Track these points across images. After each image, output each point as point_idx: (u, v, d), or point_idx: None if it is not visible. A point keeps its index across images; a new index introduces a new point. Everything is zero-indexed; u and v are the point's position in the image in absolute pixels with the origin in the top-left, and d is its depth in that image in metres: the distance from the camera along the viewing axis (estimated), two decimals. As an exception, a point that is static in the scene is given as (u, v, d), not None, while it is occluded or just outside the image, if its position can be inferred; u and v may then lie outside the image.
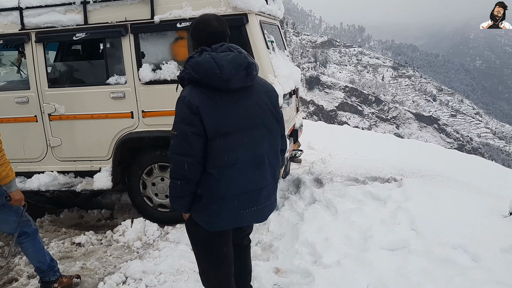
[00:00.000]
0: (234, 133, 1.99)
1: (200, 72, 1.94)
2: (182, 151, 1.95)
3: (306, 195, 4.41)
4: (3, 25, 4.27)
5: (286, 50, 5.21)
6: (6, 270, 3.52)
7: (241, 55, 2.01)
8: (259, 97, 2.10)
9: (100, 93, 4.20)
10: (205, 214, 2.05)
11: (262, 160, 2.08)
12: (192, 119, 1.92)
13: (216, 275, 2.22)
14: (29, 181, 4.36)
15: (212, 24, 2.06)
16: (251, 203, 2.08)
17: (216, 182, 1.99)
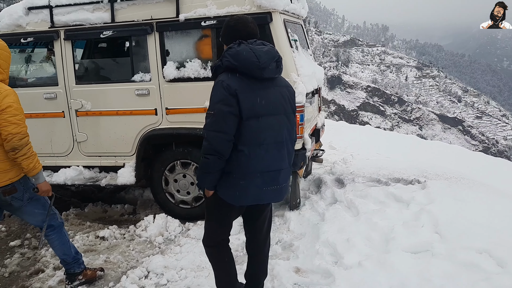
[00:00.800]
0: (264, 116, 2.23)
1: (239, 60, 2.18)
2: (218, 128, 2.16)
3: (327, 195, 4.38)
4: (33, 22, 4.39)
5: (309, 49, 5.19)
6: (33, 261, 3.63)
7: (274, 49, 2.30)
8: (282, 89, 2.35)
9: (125, 90, 4.27)
10: (234, 189, 2.26)
11: (282, 145, 2.33)
12: (230, 100, 2.15)
13: (215, 234, 2.48)
14: (56, 175, 4.48)
15: (249, 25, 2.33)
16: (273, 182, 2.31)
17: (247, 158, 2.21)
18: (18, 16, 4.38)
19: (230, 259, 2.53)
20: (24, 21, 4.39)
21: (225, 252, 2.51)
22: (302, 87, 3.89)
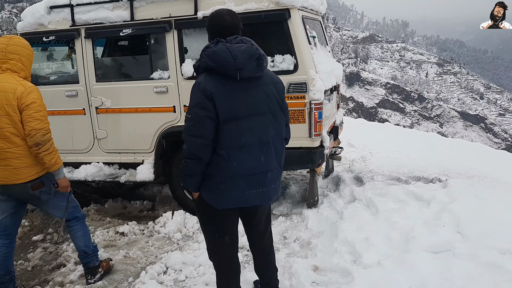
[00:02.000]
0: (244, 118, 2.14)
1: (215, 60, 2.09)
2: (196, 132, 2.11)
3: (345, 193, 4.34)
4: (55, 21, 4.47)
5: (328, 45, 5.14)
6: (55, 256, 3.71)
7: (253, 47, 2.16)
8: (267, 87, 2.24)
9: (144, 88, 4.31)
10: (214, 192, 2.21)
11: (268, 145, 2.24)
12: (206, 103, 2.08)
13: (222, 251, 2.39)
14: (77, 171, 4.55)
15: (225, 19, 2.22)
16: (258, 185, 2.24)
17: (226, 162, 2.15)
18: (41, 15, 4.47)
19: (235, 272, 2.45)
20: (46, 20, 4.47)
21: (231, 265, 2.43)
22: (320, 84, 3.86)
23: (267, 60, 2.24)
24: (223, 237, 2.36)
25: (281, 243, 3.63)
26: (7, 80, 2.74)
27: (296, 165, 4.15)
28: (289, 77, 3.86)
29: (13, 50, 2.80)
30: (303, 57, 3.85)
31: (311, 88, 3.84)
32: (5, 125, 2.69)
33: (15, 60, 2.80)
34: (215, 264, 2.46)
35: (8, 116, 2.69)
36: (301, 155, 3.96)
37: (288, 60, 3.89)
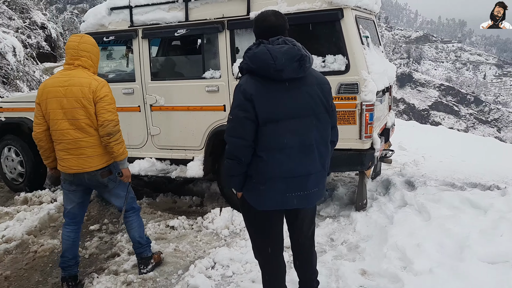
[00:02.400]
0: (284, 120, 2.12)
1: (256, 62, 2.10)
2: (236, 134, 2.13)
3: (396, 197, 4.23)
4: (115, 22, 4.69)
5: (381, 45, 5.02)
6: (110, 245, 3.90)
7: (294, 48, 2.12)
8: (311, 88, 2.19)
9: (196, 87, 4.42)
10: (254, 193, 2.22)
11: (311, 148, 2.19)
12: (246, 105, 2.09)
13: (266, 251, 2.39)
14: (131, 166, 4.73)
15: (269, 19, 2.22)
16: (298, 188, 2.20)
17: (265, 164, 2.14)
18: (102, 16, 4.71)
19: (279, 273, 2.45)
20: (106, 21, 4.70)
21: (274, 266, 2.43)
22: (372, 85, 3.78)
23: (311, 60, 2.19)
24: (265, 237, 2.38)
25: (328, 245, 3.60)
26: (81, 75, 2.96)
27: (345, 167, 4.10)
28: (340, 77, 3.82)
29: (84, 48, 3.00)
30: (355, 57, 3.79)
31: (362, 89, 3.77)
32: (81, 116, 2.91)
33: (86, 57, 3.01)
34: (260, 263, 2.49)
35: (84, 108, 2.91)
36: (351, 157, 3.90)
37: (340, 60, 3.84)
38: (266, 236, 2.38)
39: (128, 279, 3.15)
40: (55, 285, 3.31)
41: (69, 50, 2.99)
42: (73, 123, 2.91)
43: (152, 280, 3.17)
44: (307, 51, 2.18)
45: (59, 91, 2.90)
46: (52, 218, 4.47)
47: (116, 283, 3.12)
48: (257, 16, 2.29)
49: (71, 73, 2.96)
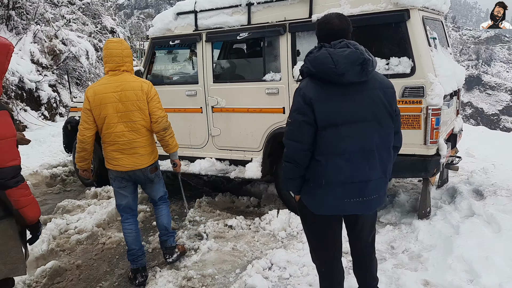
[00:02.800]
0: (344, 125, 2.08)
1: (316, 66, 2.09)
2: (294, 137, 2.14)
3: (462, 206, 4.00)
4: (180, 26, 4.88)
5: (449, 47, 4.79)
6: (171, 241, 4.05)
7: (357, 51, 2.08)
8: (373, 92, 2.14)
9: (256, 89, 4.48)
10: (311, 197, 2.22)
11: (372, 153, 2.14)
12: (305, 109, 2.08)
13: (324, 255, 2.40)
14: (192, 165, 4.92)
15: (332, 22, 2.18)
16: (357, 194, 2.16)
17: (323, 169, 2.12)
18: (169, 21, 4.92)
19: (336, 278, 2.41)
20: (173, 25, 4.91)
21: (332, 271, 2.40)
22: (439, 89, 3.63)
23: (374, 64, 2.14)
24: (323, 241, 2.36)
25: (388, 252, 3.50)
26: (131, 79, 3.17)
27: (408, 173, 3.96)
28: (404, 80, 3.70)
29: (127, 53, 3.22)
30: (421, 59, 3.65)
31: (429, 93, 3.63)
32: (138, 118, 3.14)
33: (129, 62, 3.24)
34: (317, 267, 2.47)
35: (140, 111, 3.13)
36: (414, 163, 3.76)
37: (405, 63, 3.72)
38: (323, 240, 2.36)
39: (189, 274, 3.26)
40: (121, 276, 3.50)
41: (114, 57, 3.14)
42: (129, 125, 3.13)
43: (211, 277, 3.26)
44: (370, 55, 2.13)
45: (113, 96, 3.08)
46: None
47: (177, 277, 3.25)
48: (321, 18, 2.27)
49: (119, 78, 3.14)
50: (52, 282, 3.41)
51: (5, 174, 2.11)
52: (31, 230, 2.41)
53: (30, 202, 2.26)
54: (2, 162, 2.10)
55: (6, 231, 2.26)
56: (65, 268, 3.59)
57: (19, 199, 2.20)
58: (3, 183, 2.12)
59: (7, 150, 2.12)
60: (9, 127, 2.15)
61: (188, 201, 4.02)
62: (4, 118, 2.13)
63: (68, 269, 3.60)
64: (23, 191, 2.21)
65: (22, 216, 2.26)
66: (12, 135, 2.15)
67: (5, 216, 2.25)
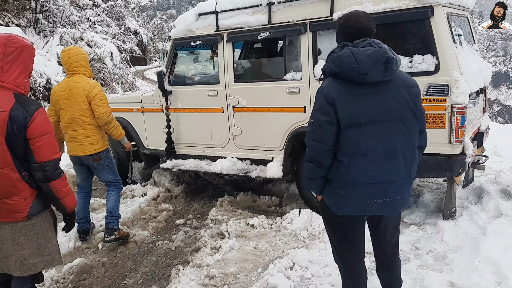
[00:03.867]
0: (367, 125, 2.06)
1: (339, 65, 2.06)
2: (317, 137, 2.12)
3: (489, 206, 3.91)
4: (202, 27, 4.91)
5: (475, 44, 4.68)
6: (194, 240, 4.10)
7: (380, 50, 2.04)
8: (397, 91, 2.11)
9: (277, 88, 4.48)
10: (334, 198, 2.20)
11: (396, 154, 2.11)
12: (327, 109, 2.06)
13: (346, 256, 2.37)
14: (214, 164, 4.95)
15: (361, 21, 2.14)
16: (380, 195, 2.13)
17: (346, 169, 2.10)
18: (190, 22, 4.96)
19: (360, 279, 2.39)
20: (194, 26, 4.94)
21: (355, 272, 2.38)
22: (465, 86, 3.55)
23: (398, 63, 2.10)
24: (345, 242, 2.33)
25: (412, 253, 3.44)
26: (78, 81, 3.75)
27: (432, 173, 3.89)
28: (428, 78, 3.63)
29: (74, 60, 3.77)
30: (446, 57, 3.58)
31: (453, 91, 3.55)
32: (77, 113, 3.74)
33: (79, 66, 3.80)
34: (340, 268, 2.45)
35: (79, 108, 3.75)
36: (439, 163, 3.69)
37: (429, 60, 3.65)
38: (346, 241, 2.33)
39: (211, 273, 3.28)
40: (145, 273, 3.57)
41: (65, 64, 3.81)
42: (72, 118, 3.77)
43: (233, 276, 3.28)
44: (394, 53, 2.09)
45: (63, 94, 3.77)
46: (142, 211, 4.82)
47: (199, 276, 3.28)
48: (347, 16, 2.20)
49: (70, 79, 3.80)
50: (78, 279, 3.50)
51: (51, 167, 2.27)
52: (69, 218, 2.55)
53: (69, 192, 2.41)
54: (47, 156, 2.26)
55: (44, 224, 2.39)
56: (91, 265, 3.68)
57: (61, 189, 2.34)
58: (49, 176, 2.27)
59: (50, 145, 2.28)
60: (49, 122, 2.32)
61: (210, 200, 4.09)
62: (45, 115, 2.29)
63: (94, 266, 3.68)
64: (64, 182, 2.37)
65: (63, 206, 2.40)
66: (52, 130, 2.32)
67: (43, 209, 2.38)
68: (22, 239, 2.30)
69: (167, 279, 3.41)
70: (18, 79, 2.25)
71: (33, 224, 2.33)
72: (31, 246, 2.32)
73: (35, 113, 2.21)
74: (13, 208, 2.24)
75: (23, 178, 2.24)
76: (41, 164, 2.23)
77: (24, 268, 2.31)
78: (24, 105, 2.20)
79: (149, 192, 5.27)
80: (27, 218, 2.29)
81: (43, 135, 2.22)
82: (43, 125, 2.24)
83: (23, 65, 2.27)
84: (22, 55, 2.25)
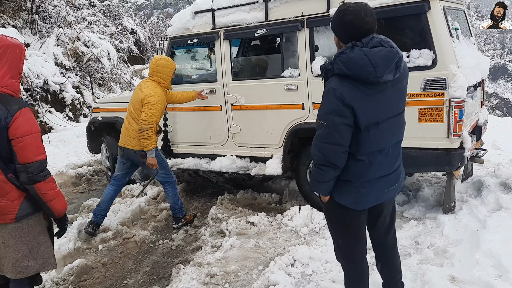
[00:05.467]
0: (384, 122, 2.09)
1: (352, 68, 1.99)
2: (333, 140, 2.06)
3: (489, 200, 3.91)
4: (198, 25, 4.89)
5: (473, 37, 4.67)
6: (194, 239, 4.10)
7: (393, 50, 2.03)
8: (401, 85, 2.16)
9: (275, 85, 4.47)
10: (354, 196, 2.18)
11: (399, 143, 2.25)
12: (344, 111, 2.01)
13: (351, 252, 2.37)
14: (213, 163, 4.94)
15: (367, 21, 2.03)
16: (393, 182, 2.25)
17: (367, 167, 2.12)
18: (187, 20, 4.94)
19: (364, 276, 2.40)
20: (191, 24, 4.93)
21: (359, 269, 2.38)
22: (462, 80, 3.54)
23: (403, 60, 2.11)
24: (353, 238, 2.33)
25: (412, 248, 3.45)
26: (143, 87, 4.16)
27: (432, 167, 3.89)
28: (426, 73, 3.63)
29: (156, 69, 4.19)
30: (443, 51, 3.57)
31: (451, 85, 3.55)
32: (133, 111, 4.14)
33: (159, 74, 4.22)
34: (343, 266, 2.44)
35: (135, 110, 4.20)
36: (438, 157, 3.69)
37: (426, 55, 3.64)
38: (354, 237, 2.33)
39: (212, 271, 3.28)
40: (146, 273, 3.57)
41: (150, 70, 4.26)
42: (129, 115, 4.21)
43: (234, 274, 3.28)
44: (400, 51, 2.08)
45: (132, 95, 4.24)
46: (142, 210, 4.81)
47: (200, 274, 3.28)
48: (352, 14, 2.03)
49: (142, 83, 4.23)
50: (79, 280, 3.50)
51: (34, 168, 2.21)
52: (59, 223, 2.50)
53: (57, 195, 2.35)
54: (31, 157, 2.21)
55: (35, 227, 2.36)
56: (92, 266, 3.68)
57: (47, 192, 2.29)
58: (32, 177, 2.22)
59: (34, 145, 2.22)
60: (34, 123, 2.26)
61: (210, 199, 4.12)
62: (29, 114, 2.23)
63: (94, 266, 3.68)
64: (51, 184, 2.31)
65: (50, 209, 2.35)
66: (37, 130, 2.25)
67: (33, 212, 2.34)
68: (12, 242, 2.28)
69: (168, 279, 3.41)
70: (3, 79, 2.20)
71: (23, 226, 2.29)
72: (22, 248, 2.30)
73: (17, 113, 2.16)
74: (1, 210, 2.22)
75: (9, 179, 2.20)
76: (25, 165, 2.19)
77: (16, 270, 2.29)
78: (7, 105, 2.16)
79: (148, 191, 5.26)
80: (15, 221, 2.26)
81: (25, 135, 2.17)
82: (26, 125, 2.19)
83: (8, 65, 2.21)
84: (6, 55, 2.19)
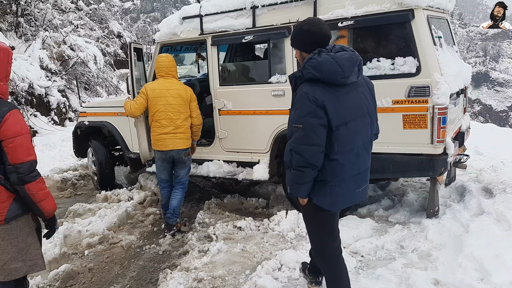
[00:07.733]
0: (352, 122, 2.25)
1: (322, 71, 2.17)
2: (311, 141, 2.20)
3: (472, 204, 4.00)
4: (186, 31, 4.91)
5: (455, 45, 4.78)
6: (181, 243, 4.09)
7: (354, 53, 2.27)
8: (363, 89, 2.35)
9: (262, 91, 4.51)
10: (330, 196, 2.32)
11: (369, 144, 2.41)
12: (318, 112, 2.17)
13: (329, 250, 2.53)
14: (200, 168, 4.95)
15: (323, 29, 2.29)
16: (362, 182, 2.40)
17: (341, 166, 2.27)
18: (174, 26, 4.95)
19: (344, 271, 2.55)
20: (179, 30, 4.93)
21: (339, 265, 2.54)
22: (445, 88, 3.63)
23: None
24: (332, 238, 2.52)
25: (397, 252, 3.50)
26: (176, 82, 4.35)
27: (416, 173, 3.97)
28: (410, 80, 3.71)
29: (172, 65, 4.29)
30: (426, 59, 3.66)
31: (434, 92, 3.63)
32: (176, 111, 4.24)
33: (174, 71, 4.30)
34: (327, 269, 2.56)
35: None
36: (422, 162, 3.76)
37: (410, 62, 3.72)
38: (332, 237, 2.52)
39: (199, 276, 3.29)
40: (132, 278, 3.55)
41: (163, 68, 4.26)
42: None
43: (221, 279, 3.29)
44: (359, 55, 2.31)
45: (166, 93, 4.20)
46: (129, 215, 4.78)
47: (188, 279, 3.28)
48: (308, 24, 2.30)
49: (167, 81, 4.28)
50: (65, 285, 3.46)
51: (25, 169, 2.23)
52: (48, 223, 2.50)
53: (47, 196, 2.36)
54: (21, 158, 2.22)
55: (24, 229, 2.35)
56: (78, 271, 3.64)
57: (37, 192, 2.29)
58: (23, 178, 2.23)
59: (24, 146, 2.24)
60: (24, 124, 2.28)
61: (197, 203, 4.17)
62: (18, 116, 2.25)
63: (80, 272, 3.65)
64: (41, 185, 2.32)
65: (40, 210, 2.35)
66: (27, 131, 2.27)
67: (22, 213, 2.34)
68: (1, 243, 2.27)
69: (155, 283, 3.39)
70: None
71: (12, 228, 2.29)
72: (11, 250, 2.29)
73: (7, 114, 2.18)
74: None
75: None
76: (15, 166, 2.20)
77: (4, 272, 2.28)
78: None
79: (135, 196, 5.24)
80: (4, 222, 2.25)
81: (16, 136, 2.19)
82: (16, 126, 2.21)
83: None
84: None
